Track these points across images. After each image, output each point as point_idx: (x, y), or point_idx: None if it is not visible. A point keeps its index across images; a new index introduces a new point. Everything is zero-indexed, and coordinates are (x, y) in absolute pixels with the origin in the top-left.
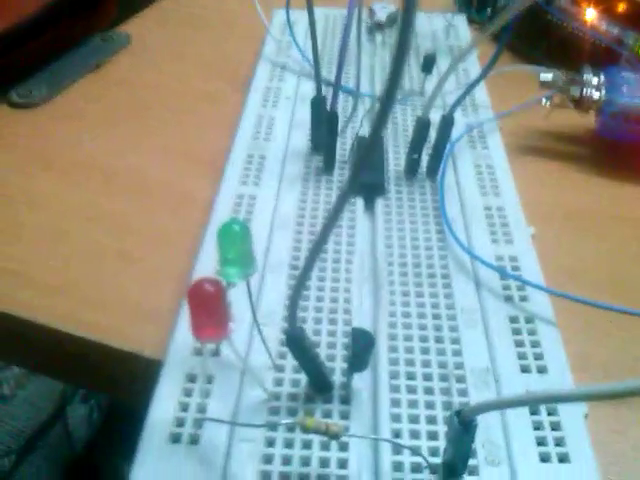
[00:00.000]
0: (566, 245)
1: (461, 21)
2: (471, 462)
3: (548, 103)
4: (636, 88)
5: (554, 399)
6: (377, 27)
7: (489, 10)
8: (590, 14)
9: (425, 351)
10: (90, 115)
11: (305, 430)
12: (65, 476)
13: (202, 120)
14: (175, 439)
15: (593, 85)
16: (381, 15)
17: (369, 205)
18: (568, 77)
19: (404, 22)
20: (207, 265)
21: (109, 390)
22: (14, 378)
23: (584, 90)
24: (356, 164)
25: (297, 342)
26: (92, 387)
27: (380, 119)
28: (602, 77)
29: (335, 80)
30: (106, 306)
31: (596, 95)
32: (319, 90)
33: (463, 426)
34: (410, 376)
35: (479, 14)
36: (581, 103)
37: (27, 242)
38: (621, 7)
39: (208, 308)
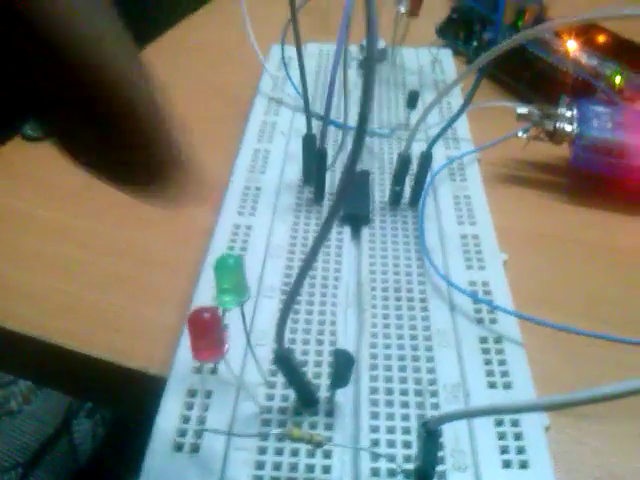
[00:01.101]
0: (537, 270)
1: (446, 55)
2: (440, 468)
3: (525, 135)
4: (606, 121)
5: (508, 410)
6: None
7: (475, 43)
8: (571, 45)
9: (402, 369)
10: None
11: (292, 439)
12: None
13: (204, 152)
14: (178, 448)
15: (566, 118)
16: None
17: (355, 234)
18: (543, 111)
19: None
20: (206, 290)
21: (116, 405)
22: (21, 394)
23: (557, 123)
24: (336, 197)
25: (285, 361)
26: (100, 402)
27: (354, 155)
28: (575, 110)
29: (323, 120)
30: (115, 327)
31: (568, 128)
32: (309, 128)
33: (429, 435)
34: (388, 391)
35: (465, 47)
36: (555, 135)
37: (39, 268)
38: (601, 39)
39: (205, 334)
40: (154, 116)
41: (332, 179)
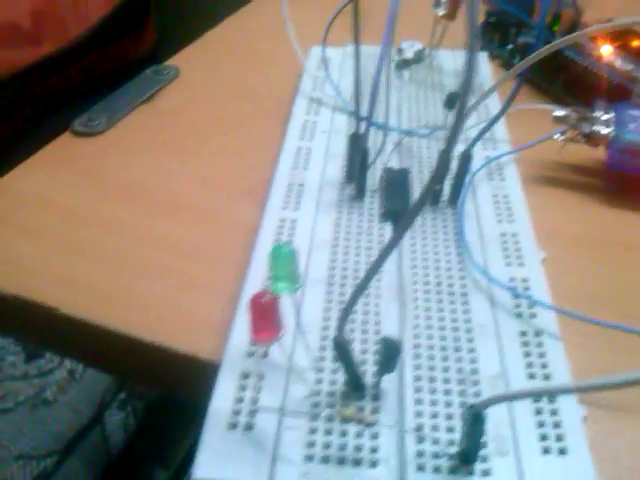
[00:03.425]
0: (575, 268)
1: (482, 58)
2: (483, 452)
3: (561, 138)
4: None
5: (549, 392)
6: (404, 64)
7: (510, 46)
8: (605, 50)
9: (445, 358)
10: (144, 143)
11: (344, 419)
12: (101, 477)
13: (246, 149)
14: (232, 427)
15: (602, 122)
16: (409, 53)
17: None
18: (580, 114)
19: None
20: (256, 281)
21: (171, 389)
22: (57, 384)
23: (594, 126)
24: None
25: (343, 347)
26: (158, 386)
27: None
28: (611, 114)
29: (367, 119)
30: (169, 317)
31: (605, 131)
32: (357, 127)
33: (475, 418)
34: (432, 379)
35: (500, 50)
36: (591, 138)
37: (91, 258)
38: (635, 43)
39: (265, 315)
40: None
41: (373, 177)
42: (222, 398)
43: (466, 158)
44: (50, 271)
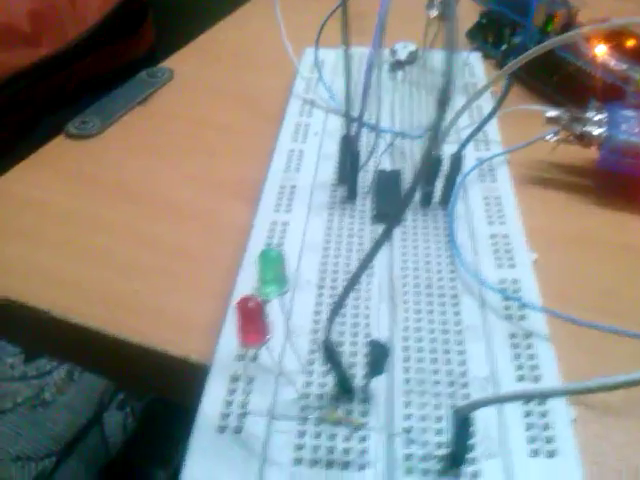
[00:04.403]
0: (566, 269)
1: (476, 59)
2: (471, 454)
3: (554, 138)
4: (634, 125)
5: (536, 395)
6: (398, 65)
7: (504, 46)
8: (600, 50)
9: (434, 361)
10: (137, 145)
11: (333, 421)
12: (101, 478)
13: (239, 151)
14: (221, 430)
15: (595, 122)
16: (402, 54)
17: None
18: (572, 115)
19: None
20: (246, 283)
21: (162, 391)
22: (55, 385)
23: (586, 127)
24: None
25: (332, 350)
26: (148, 389)
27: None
28: (604, 114)
29: (358, 122)
30: (161, 318)
31: (597, 132)
32: (348, 129)
33: (461, 421)
34: (421, 382)
35: (494, 50)
36: (583, 139)
37: (85, 260)
38: (630, 43)
39: (252, 318)
40: None
41: (365, 178)
42: (212, 401)
43: (457, 160)
44: (41, 273)
